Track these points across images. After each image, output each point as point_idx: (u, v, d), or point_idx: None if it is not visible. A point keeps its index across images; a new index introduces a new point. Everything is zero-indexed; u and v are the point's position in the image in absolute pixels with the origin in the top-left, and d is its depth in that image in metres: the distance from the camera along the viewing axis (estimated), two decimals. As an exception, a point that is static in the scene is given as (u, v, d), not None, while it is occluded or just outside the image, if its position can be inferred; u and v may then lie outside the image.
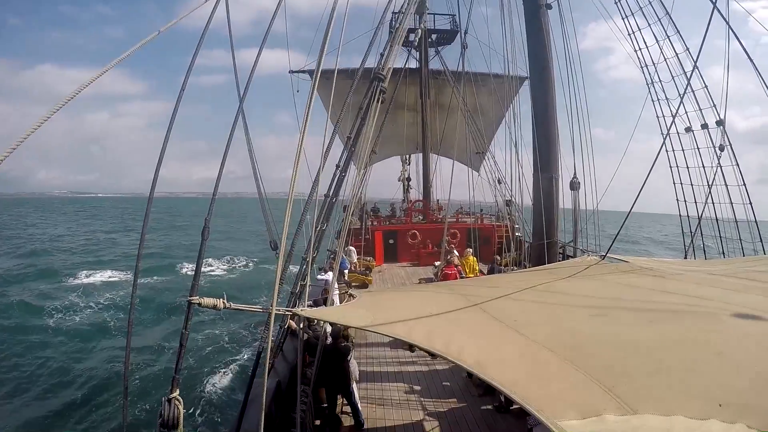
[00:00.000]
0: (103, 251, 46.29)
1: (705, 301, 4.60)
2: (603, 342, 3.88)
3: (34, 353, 17.89)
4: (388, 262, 22.09)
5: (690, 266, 7.20)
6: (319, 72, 4.72)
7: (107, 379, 15.51)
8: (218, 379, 15.53)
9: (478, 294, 5.49)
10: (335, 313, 5.14)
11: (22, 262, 37.24)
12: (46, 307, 23.92)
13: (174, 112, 4.19)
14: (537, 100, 10.78)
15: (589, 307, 4.86)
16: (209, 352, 17.85)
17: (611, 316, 4.47)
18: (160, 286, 29.65)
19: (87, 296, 27.07)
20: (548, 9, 10.74)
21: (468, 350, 3.67)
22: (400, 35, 7.22)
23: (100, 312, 24.12)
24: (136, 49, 3.69)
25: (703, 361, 3.39)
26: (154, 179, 4.12)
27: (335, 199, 6.40)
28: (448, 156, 24.85)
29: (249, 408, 5.40)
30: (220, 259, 40.33)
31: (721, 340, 3.72)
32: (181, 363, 3.88)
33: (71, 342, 19.49)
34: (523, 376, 3.30)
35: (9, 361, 17.05)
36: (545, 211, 10.49)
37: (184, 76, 4.57)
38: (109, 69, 3.44)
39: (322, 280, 11.48)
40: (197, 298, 3.87)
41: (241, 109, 5.00)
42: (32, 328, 21.10)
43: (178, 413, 3.69)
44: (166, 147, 4.14)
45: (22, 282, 29.94)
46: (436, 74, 25.47)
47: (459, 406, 8.07)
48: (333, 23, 5.02)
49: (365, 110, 6.17)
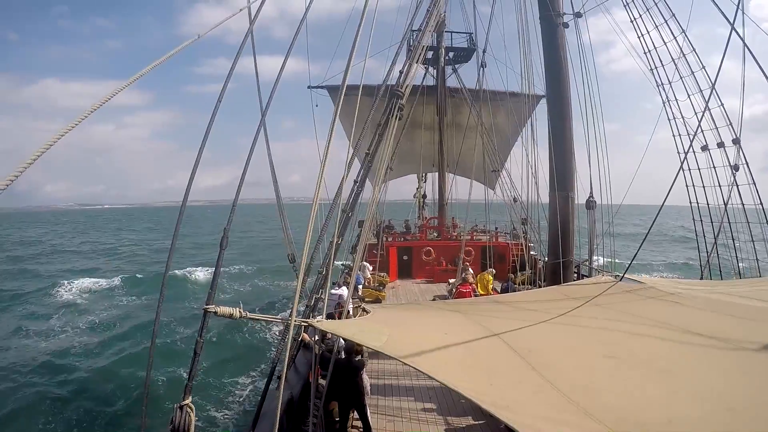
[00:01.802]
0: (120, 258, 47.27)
1: (721, 341, 4.49)
2: (615, 389, 3.84)
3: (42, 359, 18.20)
4: (402, 279, 22.02)
5: (706, 287, 7.07)
6: (342, 94, 4.81)
7: (120, 383, 15.68)
8: (231, 388, 15.56)
9: (494, 320, 5.48)
10: (349, 328, 5.15)
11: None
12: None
13: (209, 125, 4.24)
14: (554, 118, 10.77)
15: (602, 342, 4.81)
16: (222, 361, 17.91)
17: (624, 358, 4.38)
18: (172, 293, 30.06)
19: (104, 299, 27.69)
20: (565, 27, 10.80)
21: (482, 387, 3.69)
22: (419, 53, 7.32)
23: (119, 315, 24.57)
24: (171, 57, 3.75)
25: (714, 417, 3.33)
26: (186, 190, 4.13)
27: (351, 213, 6.45)
28: (464, 176, 24.90)
29: (261, 420, 5.41)
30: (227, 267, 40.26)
31: (735, 391, 3.65)
32: (195, 371, 3.90)
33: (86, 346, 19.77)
34: (538, 419, 3.30)
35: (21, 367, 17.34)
36: (561, 230, 10.42)
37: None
38: (133, 81, 3.51)
39: (336, 294, 11.51)
40: (213, 306, 3.90)
41: (263, 123, 5.09)
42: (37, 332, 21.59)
43: (190, 421, 3.69)
44: (200, 160, 4.17)
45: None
46: (453, 92, 25.58)
47: (475, 423, 7.96)
48: (357, 44, 5.11)
49: (383, 126, 6.23)
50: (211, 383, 15.73)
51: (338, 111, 4.78)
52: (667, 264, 43.14)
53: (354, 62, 5.26)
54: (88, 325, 23.26)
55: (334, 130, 4.83)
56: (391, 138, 6.23)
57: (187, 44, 3.96)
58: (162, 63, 3.65)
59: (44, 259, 51.30)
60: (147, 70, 3.49)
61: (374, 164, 6.28)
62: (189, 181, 4.07)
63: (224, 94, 4.45)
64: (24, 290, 31.93)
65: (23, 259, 50.34)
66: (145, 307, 26.94)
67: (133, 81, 3.41)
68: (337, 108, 4.75)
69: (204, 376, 15.92)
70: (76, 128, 2.84)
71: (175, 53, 3.80)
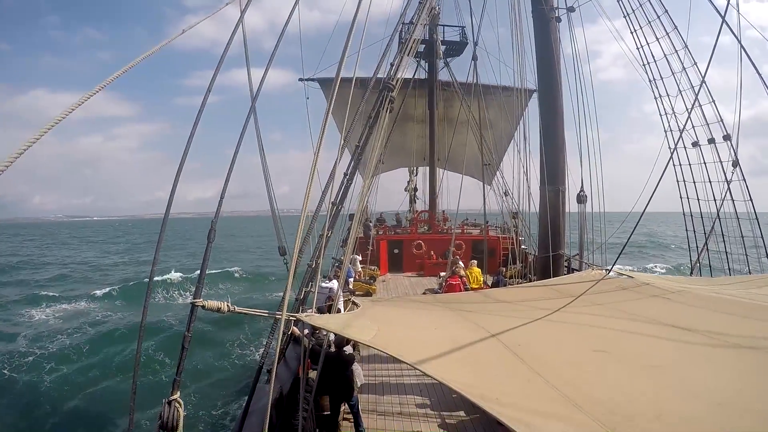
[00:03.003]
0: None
1: (711, 336, 4.51)
2: (605, 382, 3.84)
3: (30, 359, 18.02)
4: (392, 272, 22.06)
5: (694, 285, 7.12)
6: (336, 88, 4.76)
7: (107, 381, 15.59)
8: (221, 383, 15.52)
9: (483, 314, 5.46)
10: (339, 323, 5.13)
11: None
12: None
13: (189, 138, 4.20)
14: (545, 113, 10.78)
15: (592, 337, 4.81)
16: (211, 356, 17.86)
17: (614, 353, 4.39)
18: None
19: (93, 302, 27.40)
20: (558, 22, 10.78)
21: (470, 380, 3.67)
22: (411, 46, 7.27)
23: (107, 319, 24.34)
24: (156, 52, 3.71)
25: (705, 411, 3.34)
26: (168, 202, 4.11)
27: (341, 207, 6.41)
28: (455, 171, 24.91)
29: (251, 414, 5.38)
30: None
31: (724, 386, 3.67)
32: (183, 365, 3.86)
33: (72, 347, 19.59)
34: (527, 415, 3.29)
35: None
36: (551, 224, 10.45)
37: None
38: (107, 84, 3.40)
39: (327, 287, 11.48)
40: (201, 300, 3.85)
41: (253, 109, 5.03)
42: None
43: (179, 416, 3.65)
44: (181, 172, 4.14)
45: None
46: (445, 86, 25.55)
47: (467, 417, 7.99)
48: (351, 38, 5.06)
49: (374, 119, 6.19)
50: (200, 378, 15.68)
51: (331, 105, 4.73)
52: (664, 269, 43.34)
53: (348, 54, 5.22)
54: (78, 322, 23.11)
55: (327, 123, 4.78)
56: (381, 131, 6.19)
57: (173, 38, 3.93)
58: (144, 67, 3.59)
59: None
60: (127, 69, 3.43)
61: (364, 157, 6.25)
62: (171, 192, 4.05)
63: (205, 103, 4.42)
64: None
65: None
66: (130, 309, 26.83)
67: (114, 78, 3.35)
68: (330, 102, 4.71)
69: (193, 371, 15.86)
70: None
71: (157, 49, 3.75)
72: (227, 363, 17.62)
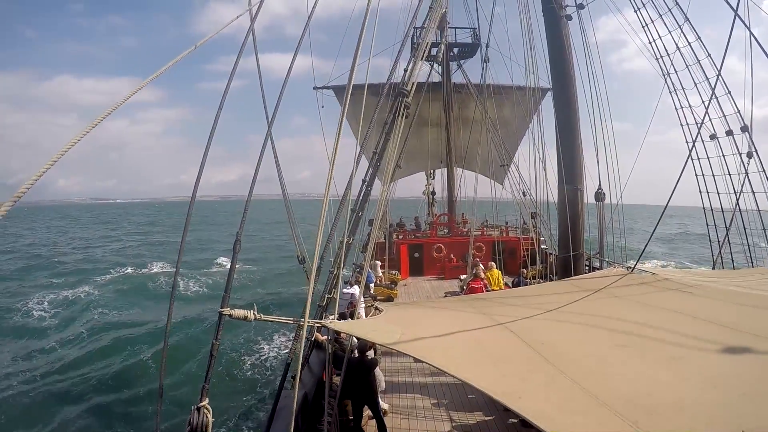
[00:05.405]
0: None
1: (733, 329, 4.47)
2: (626, 376, 3.84)
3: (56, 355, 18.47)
4: (413, 276, 22.03)
5: (715, 278, 7.03)
6: (348, 96, 4.84)
7: (136, 385, 15.85)
8: (246, 389, 15.67)
9: (505, 313, 5.48)
10: (362, 327, 5.19)
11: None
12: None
13: (214, 124, 4.34)
14: (560, 111, 10.73)
15: (614, 331, 4.82)
16: (238, 362, 18.02)
17: (636, 347, 4.40)
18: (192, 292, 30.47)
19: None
20: (569, 20, 10.75)
21: (494, 377, 3.71)
22: (422, 50, 7.33)
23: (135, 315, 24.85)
24: (173, 64, 3.84)
25: (726, 402, 3.33)
26: (195, 185, 4.28)
27: (361, 213, 6.48)
28: (472, 170, 24.85)
29: (276, 419, 5.47)
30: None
31: (746, 378, 3.64)
32: (211, 373, 3.96)
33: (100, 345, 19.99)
34: (550, 408, 3.32)
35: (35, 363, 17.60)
36: (571, 223, 10.39)
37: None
38: (145, 84, 3.61)
39: (348, 293, 11.56)
40: (228, 309, 3.96)
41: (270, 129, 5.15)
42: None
43: (207, 422, 3.76)
44: (207, 158, 4.28)
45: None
46: (459, 88, 25.49)
47: (485, 419, 8.00)
48: (361, 44, 5.14)
49: (390, 125, 6.26)
50: (227, 384, 15.86)
51: (345, 112, 4.82)
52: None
53: (359, 61, 5.31)
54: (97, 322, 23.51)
55: (342, 131, 4.87)
56: (398, 136, 6.26)
57: (186, 54, 4.05)
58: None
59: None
60: (157, 74, 3.56)
61: (382, 163, 6.32)
62: (197, 179, 4.18)
63: (228, 91, 4.55)
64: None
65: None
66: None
67: (145, 84, 3.49)
68: (344, 110, 4.79)
69: (221, 376, 16.06)
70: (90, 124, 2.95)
71: (177, 61, 3.88)
72: (249, 365, 17.78)
